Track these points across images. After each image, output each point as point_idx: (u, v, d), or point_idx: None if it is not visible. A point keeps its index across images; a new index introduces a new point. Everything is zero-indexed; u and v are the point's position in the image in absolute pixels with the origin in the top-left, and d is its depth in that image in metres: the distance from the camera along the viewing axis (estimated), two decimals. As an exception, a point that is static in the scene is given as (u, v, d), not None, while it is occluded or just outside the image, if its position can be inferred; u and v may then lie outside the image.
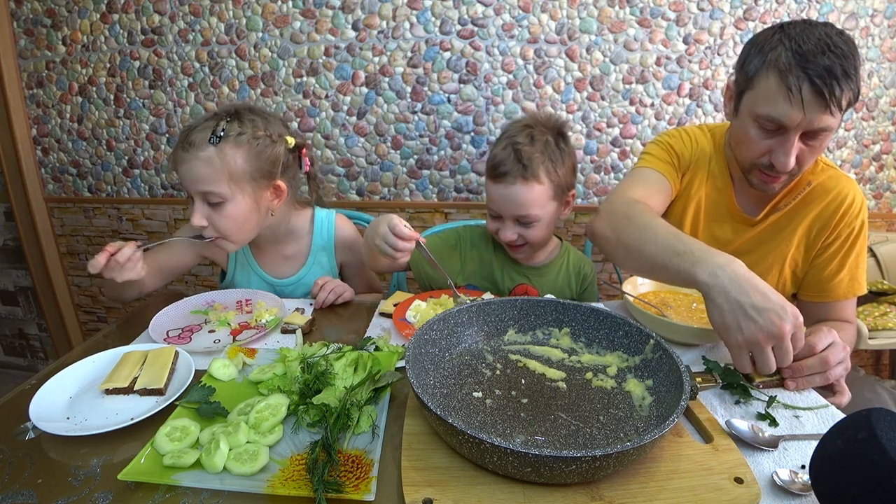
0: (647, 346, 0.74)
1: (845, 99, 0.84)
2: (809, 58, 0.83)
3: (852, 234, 1.02)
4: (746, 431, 0.66)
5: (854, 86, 0.84)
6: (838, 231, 1.02)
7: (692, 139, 1.14)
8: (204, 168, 1.01)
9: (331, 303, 1.09)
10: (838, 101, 0.83)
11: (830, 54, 0.82)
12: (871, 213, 1.82)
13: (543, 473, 0.53)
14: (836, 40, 0.83)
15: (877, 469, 0.44)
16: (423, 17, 1.65)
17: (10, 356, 2.37)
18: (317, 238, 1.26)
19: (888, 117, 1.70)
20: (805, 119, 0.85)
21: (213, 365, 0.79)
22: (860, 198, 1.03)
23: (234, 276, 1.24)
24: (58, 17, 1.76)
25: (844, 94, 0.83)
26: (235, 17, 1.70)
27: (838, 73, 0.81)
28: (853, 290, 1.03)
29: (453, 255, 1.25)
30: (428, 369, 0.73)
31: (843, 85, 0.82)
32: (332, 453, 0.60)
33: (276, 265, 1.25)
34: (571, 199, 1.18)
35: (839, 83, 0.82)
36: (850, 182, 1.04)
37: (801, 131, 0.87)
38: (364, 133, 1.79)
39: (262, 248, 1.24)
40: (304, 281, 1.25)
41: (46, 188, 2.02)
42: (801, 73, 0.83)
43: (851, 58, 0.83)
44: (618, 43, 1.64)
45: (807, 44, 0.83)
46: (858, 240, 1.03)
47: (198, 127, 1.04)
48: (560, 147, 1.12)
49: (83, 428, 0.67)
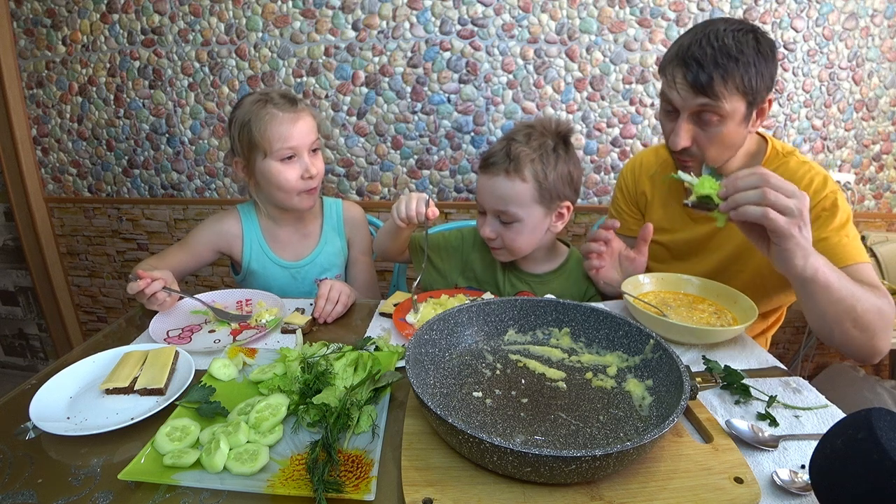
0: (647, 346, 0.74)
1: (721, 85, 0.91)
2: (686, 49, 0.93)
3: (824, 209, 0.98)
4: (746, 431, 0.66)
5: (737, 74, 0.90)
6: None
7: (633, 166, 1.29)
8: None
9: (335, 317, 1.03)
10: (709, 86, 0.91)
11: (707, 46, 0.91)
12: (871, 213, 1.82)
13: (543, 473, 0.53)
14: (722, 35, 0.91)
15: (877, 469, 0.44)
16: (423, 17, 1.65)
17: (10, 356, 2.37)
18: (327, 219, 1.34)
19: (888, 117, 1.70)
20: (683, 101, 0.95)
21: (213, 365, 0.79)
22: (821, 178, 1.00)
23: (250, 266, 1.28)
24: (58, 17, 1.76)
25: (716, 80, 0.90)
26: (235, 17, 1.70)
27: (706, 61, 0.90)
28: (850, 257, 0.94)
29: (454, 257, 1.25)
30: (428, 369, 0.73)
31: (713, 73, 0.90)
32: (332, 453, 0.60)
33: (289, 249, 1.30)
34: (566, 213, 1.12)
35: (704, 69, 0.90)
36: (811, 167, 1.02)
37: (688, 113, 0.96)
38: (364, 133, 1.79)
39: (278, 229, 1.29)
40: (318, 261, 1.31)
41: (46, 188, 2.02)
42: (676, 61, 0.95)
43: (738, 49, 0.90)
44: (618, 43, 1.64)
45: (690, 38, 0.94)
46: (834, 216, 0.97)
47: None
48: (557, 152, 1.07)
49: (83, 428, 0.67)
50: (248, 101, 1.16)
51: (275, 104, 1.14)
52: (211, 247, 1.28)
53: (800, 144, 1.73)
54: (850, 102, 1.68)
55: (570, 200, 1.11)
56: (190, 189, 1.94)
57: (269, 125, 1.12)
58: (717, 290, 1.00)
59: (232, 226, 1.28)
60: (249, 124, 1.14)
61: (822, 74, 1.65)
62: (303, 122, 1.16)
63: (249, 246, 1.28)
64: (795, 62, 1.63)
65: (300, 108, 1.17)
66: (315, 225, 1.33)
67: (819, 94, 1.67)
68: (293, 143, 1.14)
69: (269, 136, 1.13)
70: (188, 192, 1.94)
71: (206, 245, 1.27)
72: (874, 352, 0.88)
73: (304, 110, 1.18)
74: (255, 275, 1.28)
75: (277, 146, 1.13)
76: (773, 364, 0.85)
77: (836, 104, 1.68)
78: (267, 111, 1.13)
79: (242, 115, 1.15)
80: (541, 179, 1.05)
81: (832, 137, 1.72)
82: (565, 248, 1.24)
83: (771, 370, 0.84)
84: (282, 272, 1.28)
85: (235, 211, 1.30)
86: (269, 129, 1.13)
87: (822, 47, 1.62)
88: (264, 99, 1.15)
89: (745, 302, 0.94)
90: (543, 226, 1.11)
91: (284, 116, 1.13)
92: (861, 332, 0.85)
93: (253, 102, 1.15)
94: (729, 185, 0.78)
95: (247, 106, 1.15)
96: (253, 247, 1.28)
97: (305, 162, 1.17)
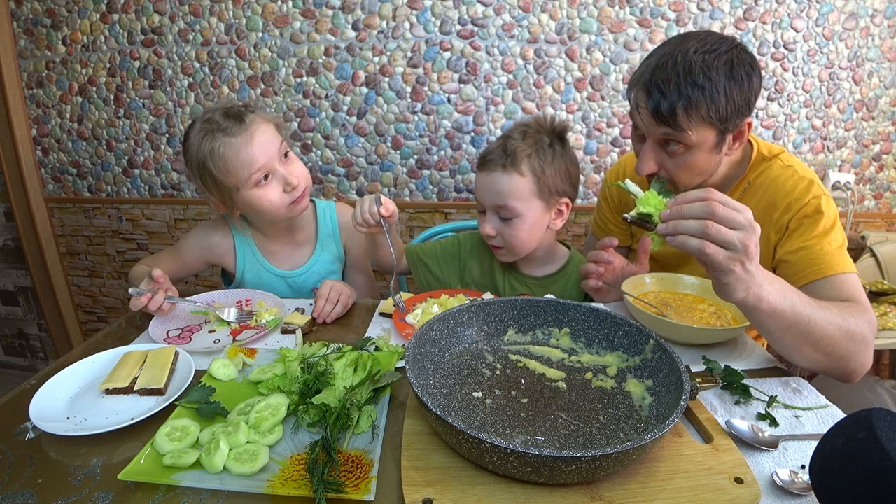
0: (647, 346, 0.73)
1: (684, 118, 0.85)
2: (651, 73, 0.87)
3: (806, 216, 0.94)
4: (746, 431, 0.66)
5: (702, 104, 0.83)
6: (788, 217, 0.95)
7: (616, 172, 1.26)
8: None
9: (335, 317, 1.03)
10: (671, 117, 0.85)
11: (672, 71, 0.84)
12: (871, 213, 1.82)
13: (543, 473, 0.53)
14: (690, 59, 0.84)
15: (877, 469, 0.44)
16: (423, 17, 1.65)
17: (10, 356, 2.38)
18: (322, 226, 1.28)
19: (888, 117, 1.70)
20: (646, 128, 0.90)
21: (213, 365, 0.79)
22: (804, 184, 0.95)
23: (244, 276, 1.24)
24: (58, 17, 1.76)
25: (678, 111, 0.84)
26: (235, 17, 1.70)
27: (669, 90, 0.84)
28: (831, 267, 0.89)
29: (452, 264, 1.24)
30: (428, 369, 0.73)
31: (676, 102, 0.84)
32: (332, 453, 0.60)
33: (285, 258, 1.26)
34: (565, 210, 1.11)
35: (666, 98, 0.84)
36: (794, 172, 0.97)
37: (654, 139, 0.92)
38: (364, 133, 1.79)
39: (271, 243, 1.25)
40: (315, 269, 1.27)
41: (46, 188, 2.02)
42: (640, 86, 0.89)
43: (700, 78, 0.83)
44: (618, 43, 1.64)
45: (657, 59, 0.87)
46: (817, 223, 0.93)
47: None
48: (554, 148, 1.08)
49: (83, 428, 0.67)
50: (194, 138, 1.05)
51: (223, 130, 1.02)
52: (201, 259, 1.24)
53: (800, 144, 1.73)
54: (850, 102, 1.68)
55: (568, 197, 1.11)
56: (190, 189, 1.94)
57: (226, 158, 1.02)
58: (717, 290, 1.00)
59: (222, 239, 1.22)
60: (206, 164, 1.03)
61: (822, 74, 1.65)
62: (259, 136, 1.04)
63: (243, 257, 1.23)
64: (795, 62, 1.63)
65: (250, 122, 1.04)
66: (309, 232, 1.28)
67: (819, 94, 1.67)
68: (260, 163, 1.03)
69: (232, 168, 1.02)
70: (188, 192, 1.94)
71: (196, 258, 1.23)
72: (846, 374, 0.82)
73: (255, 121, 1.05)
74: (250, 284, 1.24)
75: (245, 175, 1.03)
76: (773, 364, 0.85)
77: (836, 104, 1.68)
78: (218, 142, 1.02)
79: (196, 156, 1.04)
80: (538, 174, 1.05)
81: (832, 137, 1.72)
82: (566, 251, 1.23)
83: (771, 370, 0.84)
84: (278, 281, 1.24)
85: (224, 222, 1.23)
86: (229, 163, 1.02)
87: (822, 47, 1.62)
88: (210, 128, 1.03)
89: (745, 302, 0.93)
90: (544, 222, 1.10)
91: (238, 141, 1.02)
92: (825, 356, 0.79)
93: (200, 136, 1.03)
94: (673, 210, 0.70)
95: (195, 143, 1.04)
96: (247, 257, 1.23)
97: (282, 174, 1.07)
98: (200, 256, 1.23)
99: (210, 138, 1.02)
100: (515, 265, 1.19)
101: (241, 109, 1.06)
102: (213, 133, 1.02)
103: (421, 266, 1.24)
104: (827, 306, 0.79)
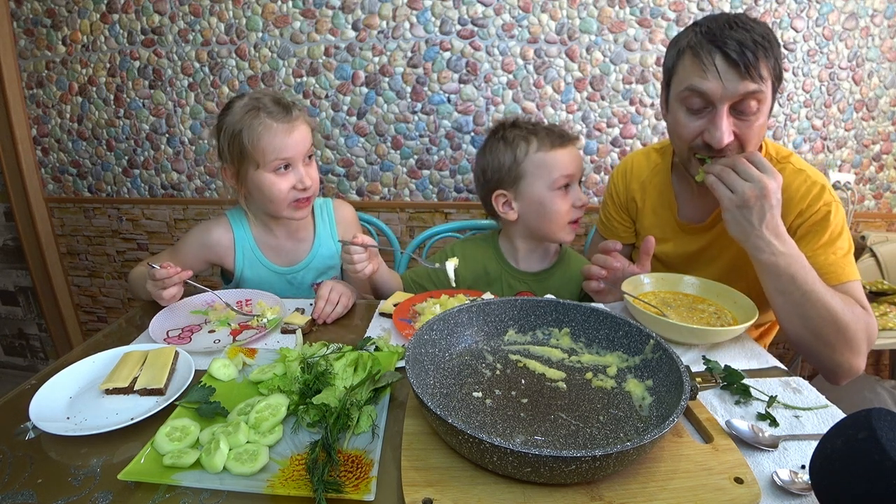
0: (647, 346, 0.73)
1: (763, 68, 0.86)
2: (717, 33, 0.86)
3: (815, 224, 0.95)
4: (746, 431, 0.66)
5: (771, 57, 0.86)
6: (798, 223, 0.97)
7: (623, 170, 1.26)
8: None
9: (335, 318, 1.03)
10: (755, 68, 0.85)
11: (739, 29, 0.86)
12: (871, 213, 1.82)
13: (543, 473, 0.53)
14: (744, 19, 0.87)
15: (877, 469, 0.44)
16: (423, 17, 1.65)
17: (10, 356, 2.37)
18: (319, 222, 1.30)
19: (888, 117, 1.70)
20: (724, 89, 0.86)
21: (213, 365, 0.79)
22: (817, 189, 0.96)
23: (243, 274, 1.24)
24: (58, 17, 1.76)
25: (760, 61, 0.85)
26: (235, 17, 1.70)
27: (748, 42, 0.84)
28: (836, 276, 0.92)
29: (443, 275, 1.25)
30: (428, 369, 0.73)
31: (758, 53, 0.84)
32: (332, 453, 0.60)
33: (283, 255, 1.27)
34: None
35: (750, 50, 0.84)
36: (807, 177, 0.98)
37: (727, 103, 0.88)
38: (364, 133, 1.79)
39: (270, 238, 1.25)
40: (314, 265, 1.27)
41: (46, 188, 2.02)
42: (711, 47, 0.87)
43: (764, 34, 0.86)
44: (618, 43, 1.64)
45: (715, 24, 0.88)
46: (824, 232, 0.94)
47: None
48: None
49: (83, 428, 0.67)
50: (238, 108, 1.09)
51: (268, 112, 1.07)
52: (201, 259, 1.24)
53: (800, 144, 1.73)
54: (850, 102, 1.68)
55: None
56: (190, 189, 1.94)
57: (262, 136, 1.06)
58: (717, 290, 1.00)
59: (222, 236, 1.23)
60: (241, 134, 1.07)
61: (822, 74, 1.65)
62: (298, 132, 1.10)
63: (242, 254, 1.23)
64: (795, 62, 1.63)
65: (294, 117, 1.10)
66: (308, 229, 1.29)
67: (819, 94, 1.67)
68: (288, 154, 1.09)
69: (263, 147, 1.07)
70: (188, 192, 1.94)
71: (196, 258, 1.23)
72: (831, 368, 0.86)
73: (299, 118, 1.12)
74: (249, 282, 1.24)
75: (271, 158, 1.08)
76: (773, 364, 0.85)
77: (836, 104, 1.68)
78: (260, 121, 1.07)
79: (233, 123, 1.08)
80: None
81: (832, 137, 1.72)
82: (556, 245, 1.25)
83: (771, 370, 0.84)
84: (277, 278, 1.25)
85: (225, 219, 1.25)
86: (263, 141, 1.07)
87: (822, 47, 1.62)
88: (256, 106, 1.08)
89: (745, 302, 0.94)
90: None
91: (279, 127, 1.07)
92: (812, 335, 0.84)
93: (245, 110, 1.08)
94: (715, 159, 0.89)
95: (237, 113, 1.09)
96: (246, 254, 1.24)
97: (300, 173, 1.12)
98: (200, 255, 1.24)
99: (254, 114, 1.08)
100: (511, 261, 1.21)
101: (290, 103, 1.13)
102: (258, 111, 1.08)
103: (419, 289, 1.26)
104: (832, 294, 0.84)
